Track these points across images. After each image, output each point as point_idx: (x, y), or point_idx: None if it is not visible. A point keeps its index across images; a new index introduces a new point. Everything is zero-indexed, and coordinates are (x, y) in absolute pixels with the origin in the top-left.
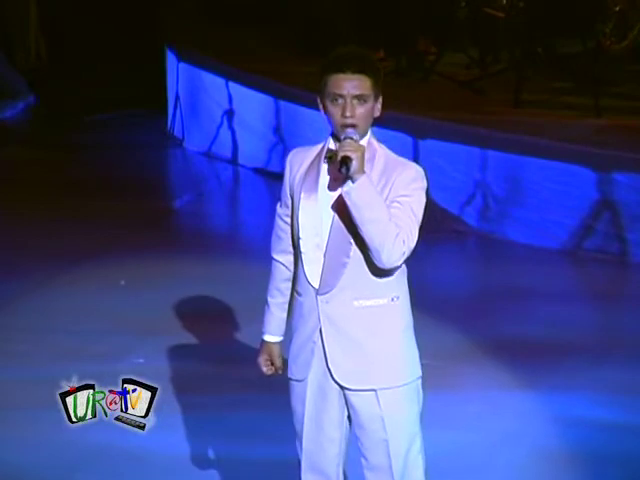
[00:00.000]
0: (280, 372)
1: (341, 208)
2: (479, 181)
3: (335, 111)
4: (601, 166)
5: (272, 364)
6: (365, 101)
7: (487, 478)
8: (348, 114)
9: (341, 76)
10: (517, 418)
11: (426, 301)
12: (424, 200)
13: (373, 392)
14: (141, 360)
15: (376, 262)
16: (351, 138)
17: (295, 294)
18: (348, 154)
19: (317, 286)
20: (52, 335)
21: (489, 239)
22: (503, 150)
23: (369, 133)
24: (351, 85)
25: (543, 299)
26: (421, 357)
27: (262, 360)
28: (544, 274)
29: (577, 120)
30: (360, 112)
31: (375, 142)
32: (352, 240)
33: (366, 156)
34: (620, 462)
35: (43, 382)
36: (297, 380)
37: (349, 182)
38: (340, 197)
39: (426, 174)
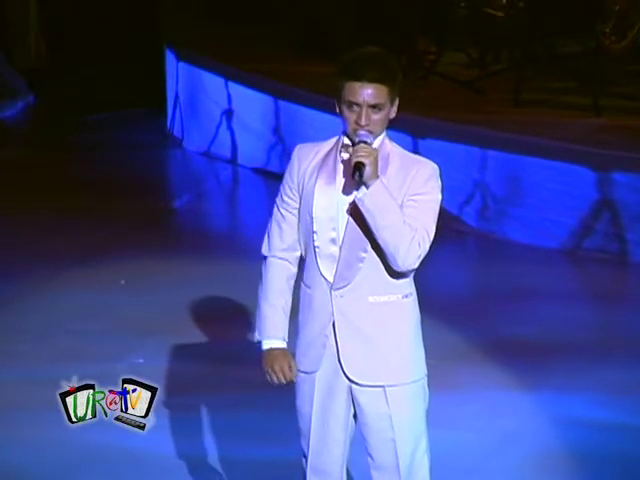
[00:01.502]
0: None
1: (356, 211)
2: (478, 181)
3: (350, 116)
4: (601, 166)
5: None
6: (380, 109)
7: (486, 478)
8: (363, 123)
9: (358, 84)
10: (516, 418)
11: (425, 301)
12: (440, 198)
13: (381, 388)
14: (141, 360)
15: (392, 265)
16: (365, 142)
17: (304, 287)
18: (361, 160)
19: (332, 280)
20: (52, 335)
21: (488, 239)
22: (503, 150)
23: (384, 133)
24: (367, 94)
25: (543, 299)
26: None
27: (286, 368)
28: (544, 274)
29: (577, 120)
30: (375, 119)
31: (388, 141)
32: (368, 236)
33: (381, 154)
34: (619, 463)
35: (43, 382)
36: (306, 372)
37: (363, 187)
38: (354, 201)
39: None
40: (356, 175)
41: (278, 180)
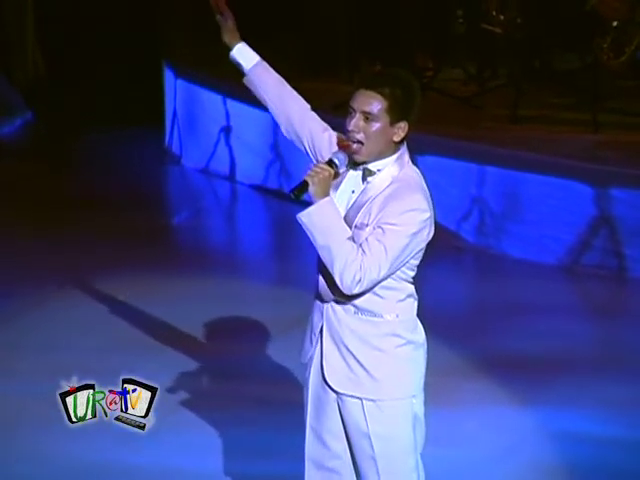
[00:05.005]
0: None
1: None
2: (476, 197)
3: (347, 122)
4: (599, 182)
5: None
6: (372, 120)
7: None
8: (350, 128)
9: (360, 91)
10: (513, 434)
11: (422, 317)
12: (412, 232)
13: (359, 401)
14: (139, 377)
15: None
16: (330, 161)
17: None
18: (307, 178)
19: (318, 284)
20: (51, 351)
21: (486, 255)
22: (501, 166)
23: (398, 154)
24: (363, 101)
25: (541, 315)
26: None
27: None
28: (542, 290)
29: (575, 136)
30: (366, 130)
31: (405, 164)
32: None
33: (383, 175)
34: (616, 477)
35: (43, 398)
36: (303, 362)
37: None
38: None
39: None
40: (293, 192)
41: (276, 197)
